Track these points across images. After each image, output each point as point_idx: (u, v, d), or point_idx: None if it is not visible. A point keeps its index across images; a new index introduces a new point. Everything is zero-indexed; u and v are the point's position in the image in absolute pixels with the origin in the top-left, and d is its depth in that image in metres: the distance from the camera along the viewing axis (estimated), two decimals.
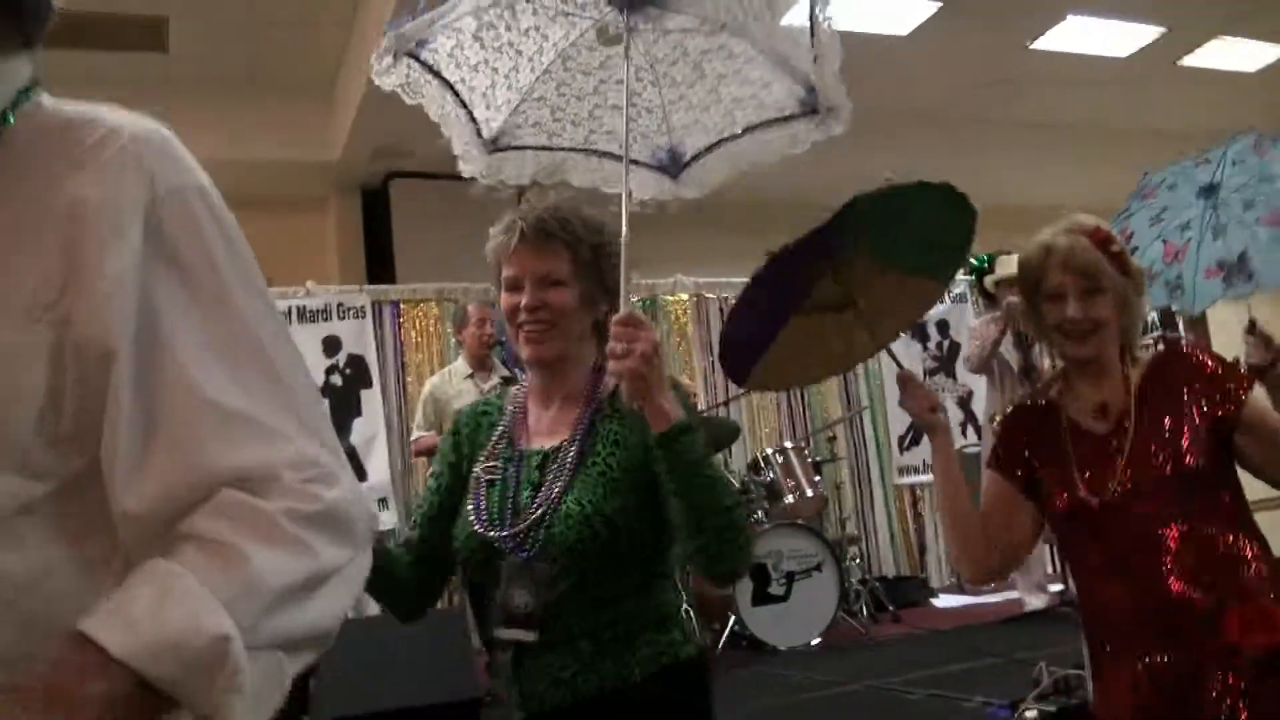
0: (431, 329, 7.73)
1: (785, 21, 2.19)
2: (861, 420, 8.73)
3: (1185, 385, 2.05)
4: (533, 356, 1.94)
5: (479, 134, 2.44)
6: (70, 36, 3.96)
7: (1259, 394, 2.06)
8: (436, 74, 2.41)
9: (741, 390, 8.23)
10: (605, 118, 2.41)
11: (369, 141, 8.44)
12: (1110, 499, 2.01)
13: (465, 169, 2.45)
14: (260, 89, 8.31)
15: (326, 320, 7.41)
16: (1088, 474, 2.06)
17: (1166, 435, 2.01)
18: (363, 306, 7.51)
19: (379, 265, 9.20)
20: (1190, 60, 9.69)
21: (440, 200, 9.16)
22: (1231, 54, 9.66)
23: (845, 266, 2.18)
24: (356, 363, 7.41)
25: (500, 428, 1.99)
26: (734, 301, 2.19)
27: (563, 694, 1.81)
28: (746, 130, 2.29)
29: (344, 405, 7.34)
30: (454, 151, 2.45)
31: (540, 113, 2.43)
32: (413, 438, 6.07)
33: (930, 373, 8.92)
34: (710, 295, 8.51)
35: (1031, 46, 9.02)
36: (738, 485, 6.86)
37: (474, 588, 5.46)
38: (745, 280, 2.15)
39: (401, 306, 7.72)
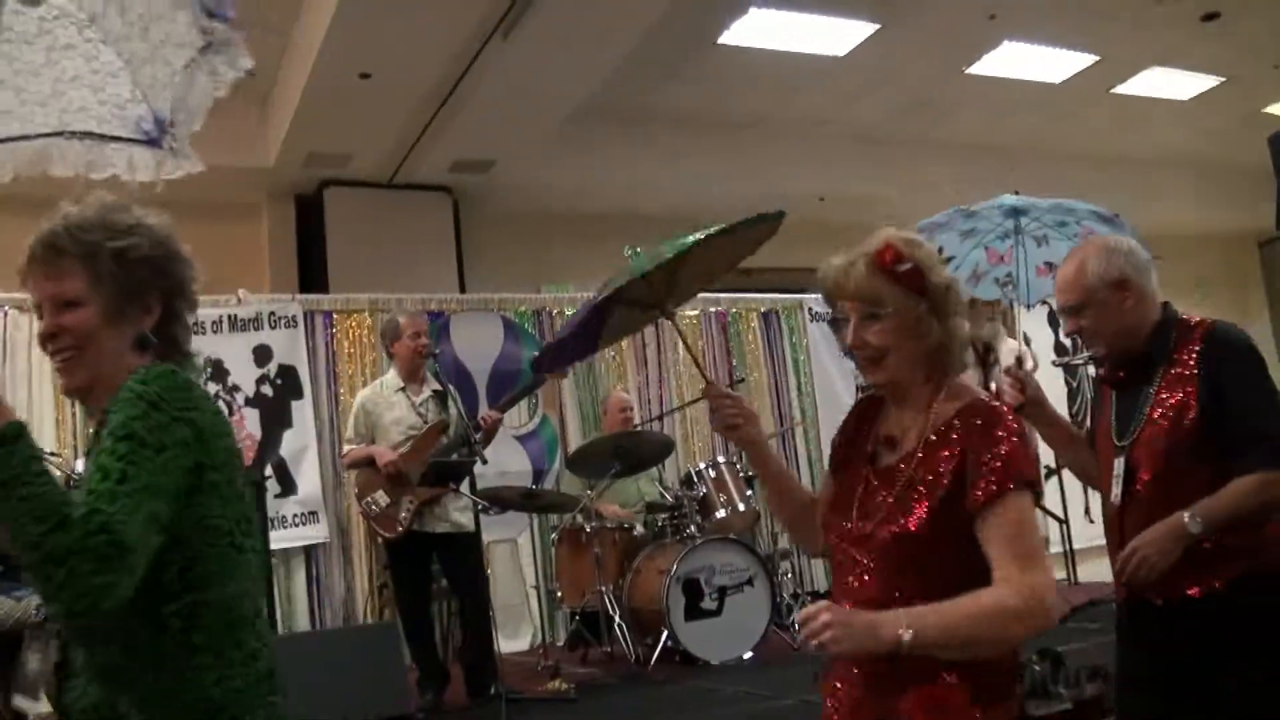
0: (365, 339, 7.69)
1: (162, 47, 2.04)
2: (794, 435, 8.85)
3: (964, 447, 1.92)
4: (63, 388, 1.78)
5: None
6: None
7: (1012, 507, 1.87)
8: None
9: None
10: (70, 92, 2.15)
11: (303, 148, 8.40)
12: (859, 533, 1.98)
13: None
14: None
15: (258, 329, 7.36)
16: (858, 502, 2.03)
17: (922, 488, 1.93)
18: (295, 316, 7.47)
19: (312, 274, 9.15)
20: (1123, 88, 9.98)
21: (375, 209, 9.20)
22: (1165, 83, 9.97)
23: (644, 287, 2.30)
24: (288, 373, 7.37)
25: None
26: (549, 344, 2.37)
27: None
28: (78, 135, 2.11)
29: (275, 416, 7.29)
30: None
31: (4, 97, 2.14)
32: (343, 450, 6.05)
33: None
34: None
35: (968, 71, 9.23)
36: (670, 500, 6.93)
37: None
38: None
39: (334, 316, 7.68)
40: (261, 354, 7.36)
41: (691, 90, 9.08)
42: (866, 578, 1.95)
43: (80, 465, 5.78)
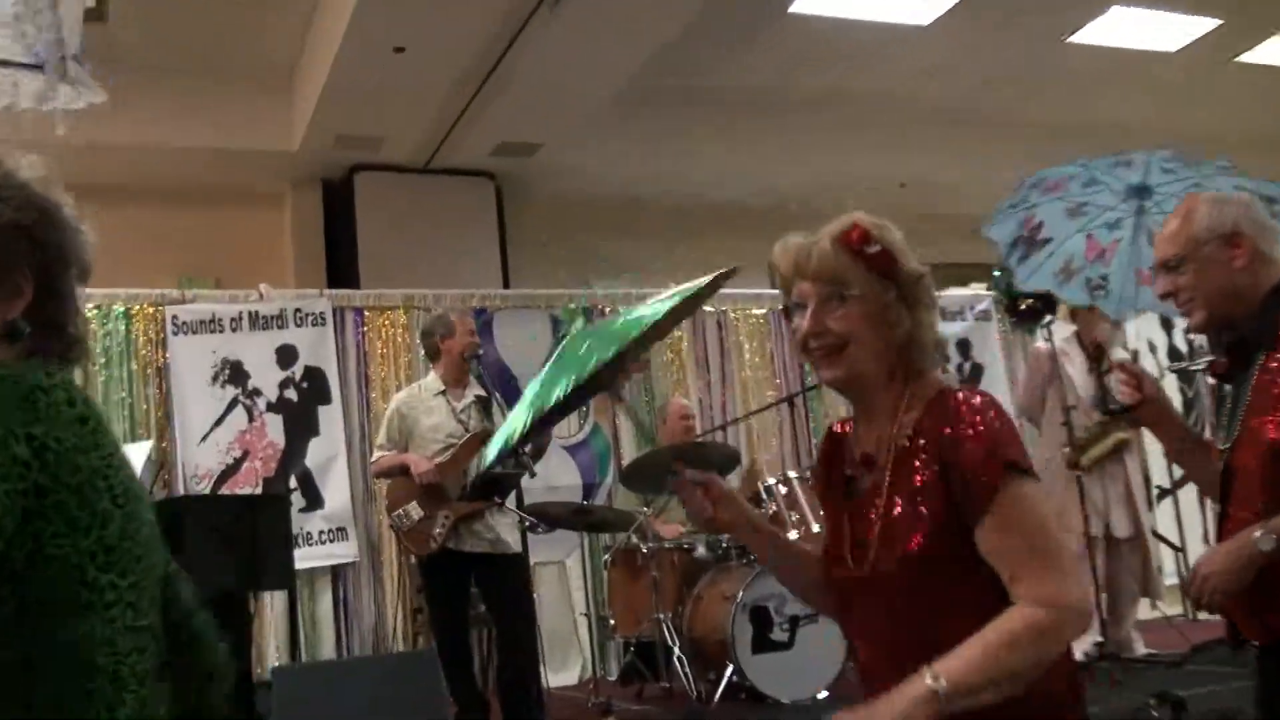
0: (399, 339, 7.67)
1: None
2: None
3: (938, 449, 1.88)
4: None
5: None
6: None
7: (1017, 494, 1.82)
8: None
9: (742, 415, 8.20)
10: None
11: (331, 129, 8.42)
12: (865, 573, 1.95)
13: None
14: (212, 69, 8.28)
15: (282, 327, 7.36)
16: (849, 540, 2.00)
17: (905, 506, 1.90)
18: (322, 313, 7.47)
19: (341, 268, 9.17)
20: (1249, 57, 9.73)
21: (410, 196, 9.21)
22: None
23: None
24: (314, 376, 7.37)
25: None
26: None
27: None
28: None
29: (300, 423, 7.28)
30: None
31: None
32: (373, 458, 6.01)
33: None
34: (708, 307, 8.48)
35: (1069, 40, 9.05)
36: None
37: None
38: (753, 291, 2.16)
39: (365, 314, 7.67)
40: (285, 355, 7.36)
41: (758, 65, 8.98)
42: (879, 619, 1.93)
43: None
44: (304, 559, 6.84)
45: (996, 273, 6.34)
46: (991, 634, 1.75)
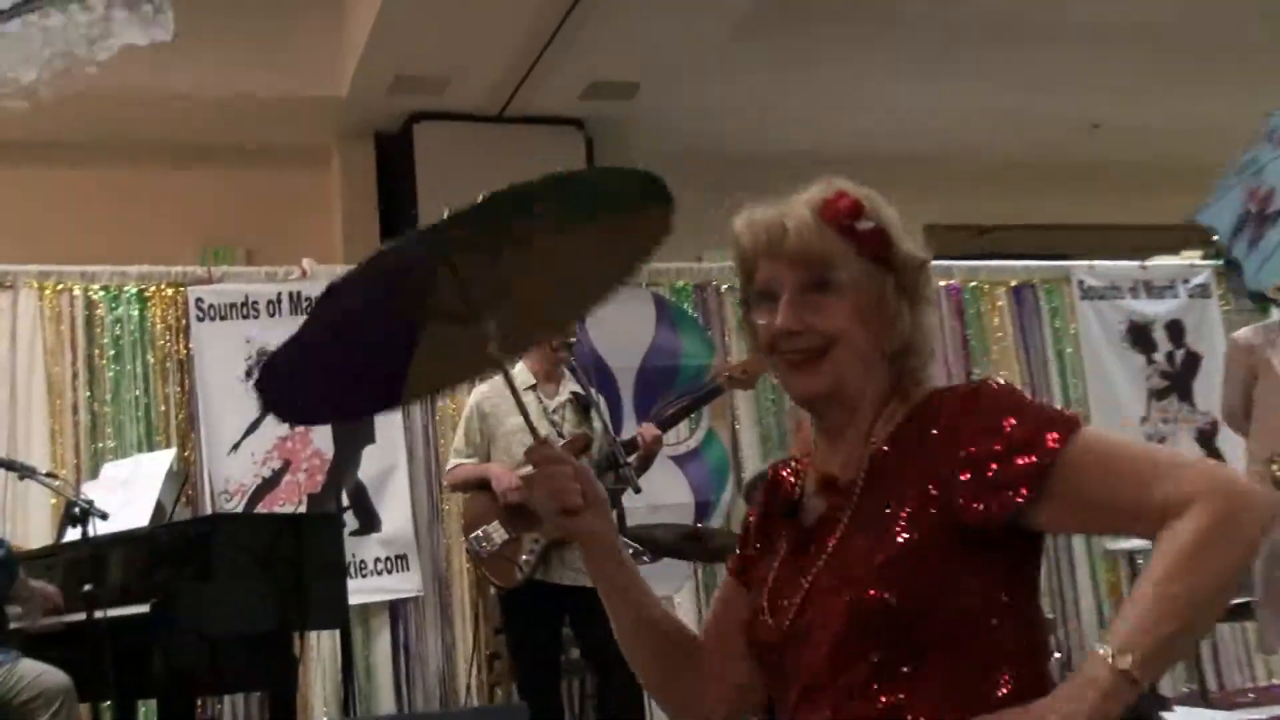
0: None
1: None
2: None
3: (923, 460, 1.77)
4: None
5: None
6: None
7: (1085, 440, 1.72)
8: None
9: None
10: None
11: (387, 71, 8.44)
12: (786, 631, 1.84)
13: None
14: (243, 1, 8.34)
15: None
16: (780, 585, 1.90)
17: (862, 547, 1.78)
18: None
19: (398, 235, 9.20)
20: None
21: (480, 149, 9.19)
22: None
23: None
24: None
25: None
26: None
27: None
28: None
29: (351, 428, 7.27)
30: None
31: None
32: (449, 466, 6.01)
33: (1157, 394, 8.72)
34: None
35: None
36: None
37: None
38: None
39: None
40: None
41: None
42: (822, 683, 1.77)
43: (91, 489, 5.88)
44: (357, 592, 6.83)
45: (1218, 235, 6.14)
46: (1158, 567, 1.61)
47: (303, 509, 7.04)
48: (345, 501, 7.14)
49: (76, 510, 5.13)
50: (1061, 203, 10.86)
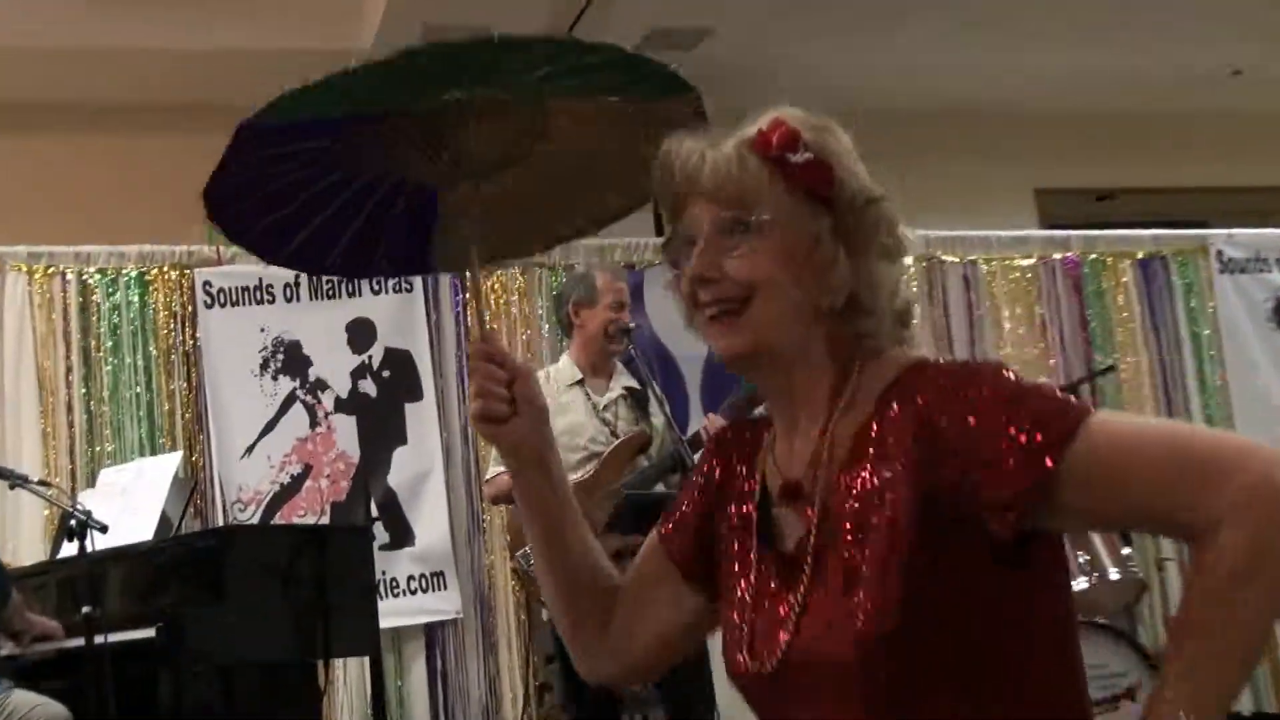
0: (515, 309, 7.73)
1: None
2: None
3: (908, 460, 1.71)
4: None
5: None
6: None
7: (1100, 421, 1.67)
8: None
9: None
10: None
11: (415, 18, 8.46)
12: (774, 672, 1.80)
13: None
14: None
15: (354, 295, 7.42)
16: (757, 615, 1.85)
17: (848, 568, 1.73)
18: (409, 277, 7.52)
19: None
20: None
21: None
22: None
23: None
24: (399, 361, 7.43)
25: None
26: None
27: None
28: None
29: (380, 427, 7.33)
30: None
31: None
32: (488, 475, 6.03)
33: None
34: (951, 258, 8.35)
35: None
36: None
37: None
38: (1013, 234, 2.00)
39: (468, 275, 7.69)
40: (360, 333, 7.45)
41: None
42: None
43: (89, 498, 5.92)
44: (388, 614, 6.85)
45: None
46: (1203, 612, 1.57)
47: (326, 520, 7.09)
48: (374, 512, 7.12)
49: (73, 522, 5.14)
50: (1195, 162, 10.74)
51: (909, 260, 8.24)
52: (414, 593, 7.20)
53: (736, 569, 1.91)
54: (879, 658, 1.67)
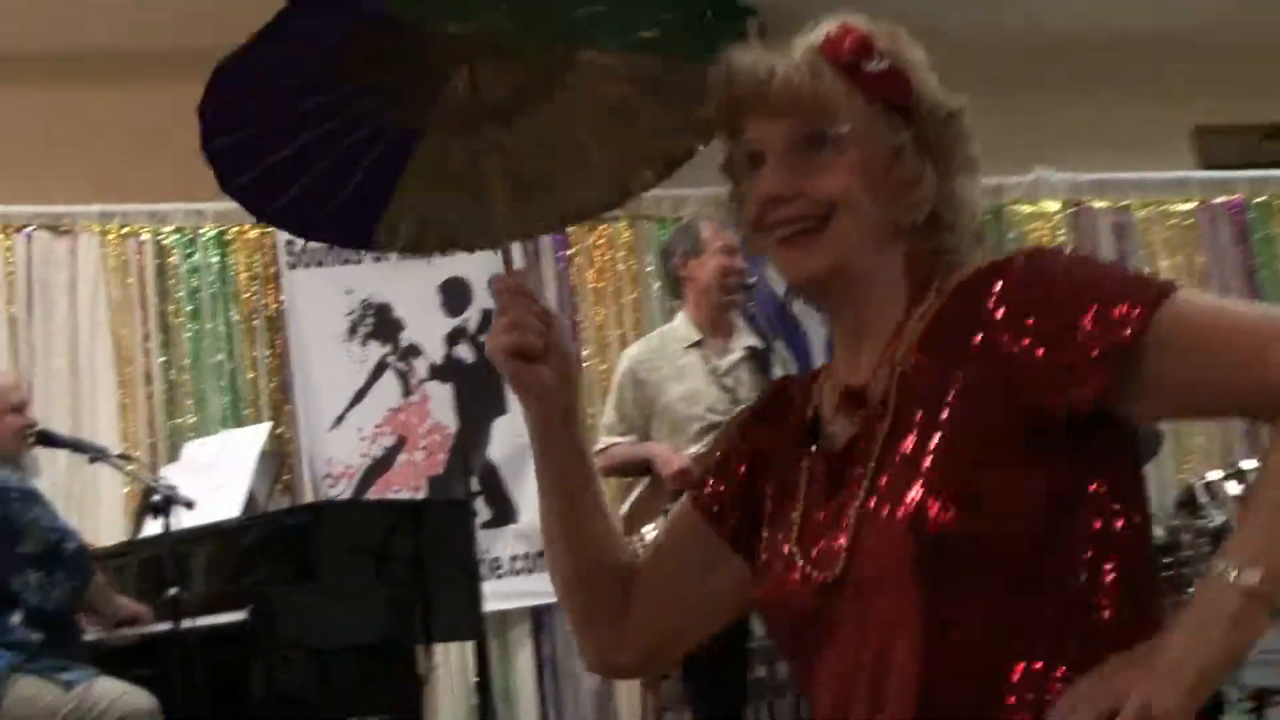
0: (621, 266, 7.79)
1: None
2: None
3: (974, 343, 1.72)
4: None
5: None
6: None
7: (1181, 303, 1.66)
8: None
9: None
10: None
11: None
12: (829, 582, 1.76)
13: None
14: None
15: (448, 255, 7.48)
16: (808, 531, 1.83)
17: (908, 458, 1.72)
18: None
19: None
20: None
21: None
22: None
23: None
24: None
25: None
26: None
27: None
28: None
29: (479, 396, 7.27)
30: None
31: None
32: (598, 446, 6.05)
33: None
34: (1100, 203, 8.33)
35: None
36: (1158, 534, 6.68)
37: None
38: (1170, 175, 2.04)
39: (570, 230, 7.74)
40: (454, 294, 7.55)
41: None
42: (869, 640, 1.73)
43: (171, 473, 6.02)
44: (492, 597, 6.89)
45: None
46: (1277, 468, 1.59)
47: (423, 495, 7.16)
48: (475, 486, 7.08)
49: (156, 498, 5.23)
50: None
51: (1055, 206, 8.31)
52: (518, 573, 7.28)
53: (785, 500, 1.91)
54: (939, 554, 1.67)
